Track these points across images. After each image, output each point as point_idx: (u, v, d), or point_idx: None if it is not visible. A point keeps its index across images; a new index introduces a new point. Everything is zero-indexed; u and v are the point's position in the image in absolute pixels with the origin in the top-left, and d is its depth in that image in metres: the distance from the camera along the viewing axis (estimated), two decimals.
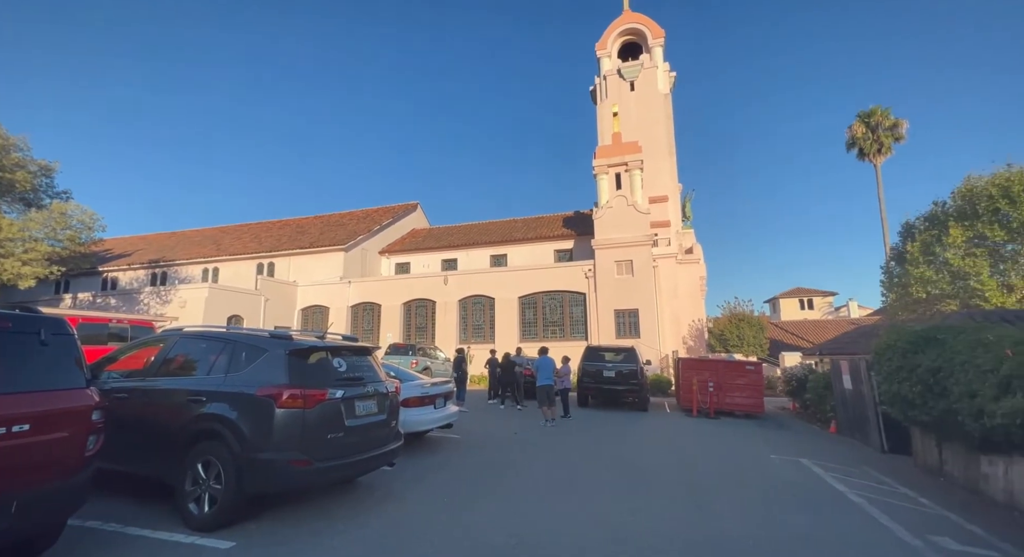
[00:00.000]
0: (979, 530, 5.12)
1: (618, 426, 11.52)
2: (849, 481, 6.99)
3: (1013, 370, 5.43)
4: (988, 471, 6.33)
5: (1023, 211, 13.61)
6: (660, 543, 4.43)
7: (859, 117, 25.99)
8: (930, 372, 7.15)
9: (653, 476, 6.90)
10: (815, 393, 13.34)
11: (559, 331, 23.91)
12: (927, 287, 15.90)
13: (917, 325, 8.48)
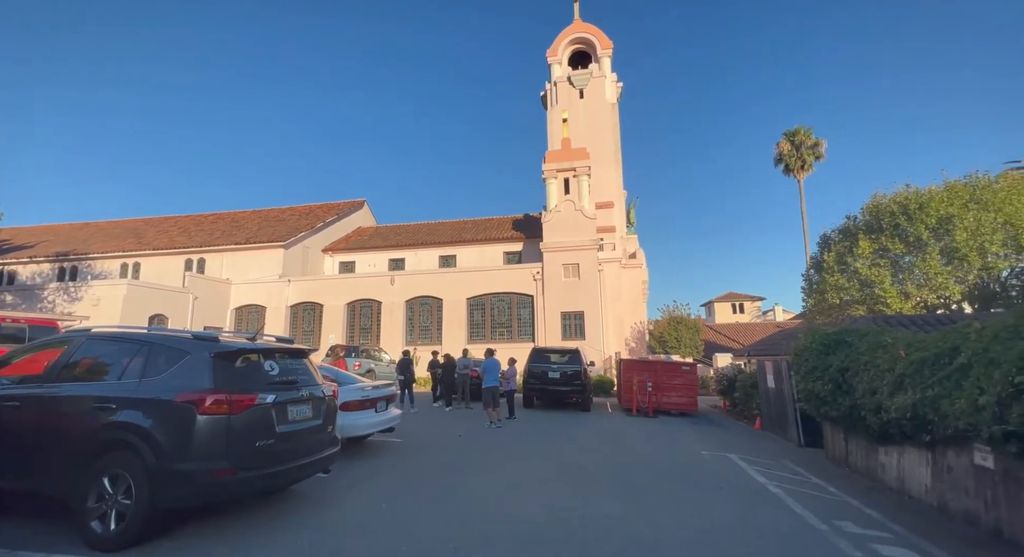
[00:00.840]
0: (876, 514, 5.67)
1: (561, 426, 11.74)
2: (769, 474, 7.53)
3: (905, 369, 6.06)
4: (884, 461, 7.03)
5: (918, 227, 15.28)
6: (596, 539, 4.56)
7: (785, 135, 28.18)
8: (839, 371, 7.85)
9: (593, 474, 7.10)
10: (743, 392, 14.26)
11: (507, 333, 24.04)
12: (840, 293, 17.47)
13: (830, 328, 9.28)
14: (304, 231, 28.59)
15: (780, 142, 28.30)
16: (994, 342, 4.82)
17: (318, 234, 29.93)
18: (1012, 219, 14.22)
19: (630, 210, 28.26)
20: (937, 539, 4.89)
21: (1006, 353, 4.45)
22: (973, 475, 5.31)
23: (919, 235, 15.25)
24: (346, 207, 33.31)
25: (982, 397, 4.55)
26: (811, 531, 5.03)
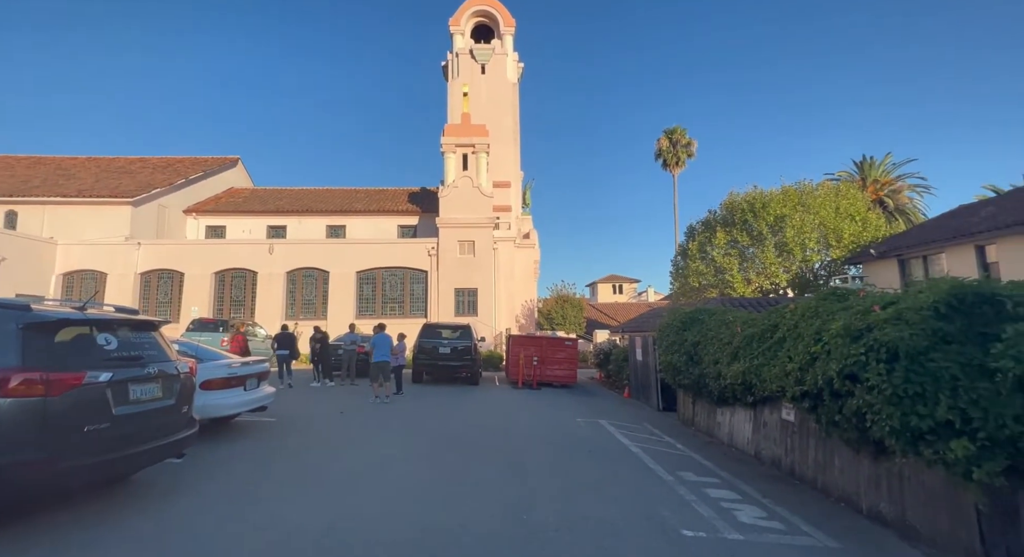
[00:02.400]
0: (710, 464, 6.73)
1: (450, 399, 11.92)
2: (632, 436, 8.48)
3: (740, 343, 7.18)
4: (720, 420, 8.33)
5: (760, 223, 17.98)
6: (475, 502, 4.76)
7: (665, 133, 30.98)
8: (692, 345, 9.03)
9: (476, 443, 7.36)
10: (616, 365, 15.74)
11: (398, 308, 23.48)
12: (700, 278, 20.00)
13: (688, 308, 10.59)
14: (160, 187, 24.66)
15: (660, 138, 31.05)
16: (801, 320, 5.90)
17: (178, 192, 26.03)
18: (825, 221, 17.39)
19: (526, 191, 28.99)
20: (750, 480, 5.97)
21: (807, 329, 5.49)
22: (780, 428, 6.53)
23: (761, 230, 17.96)
24: (215, 164, 29.31)
25: (789, 364, 5.58)
26: (660, 482, 5.81)
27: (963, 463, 3.57)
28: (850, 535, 4.38)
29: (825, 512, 4.97)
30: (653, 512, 4.72)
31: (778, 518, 4.73)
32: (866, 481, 4.93)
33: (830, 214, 17.54)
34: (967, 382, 3.64)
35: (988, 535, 3.68)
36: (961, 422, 3.61)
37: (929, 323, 4.01)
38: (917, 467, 4.21)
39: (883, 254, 15.17)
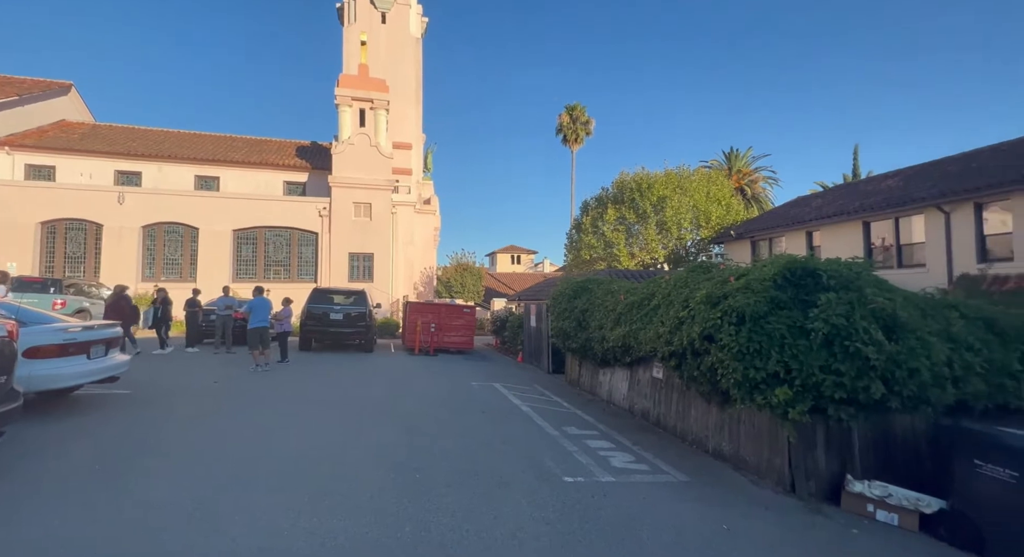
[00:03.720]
0: (591, 419, 7.41)
1: (341, 366, 11.47)
2: (523, 396, 8.97)
3: (622, 310, 7.88)
4: (602, 379, 9.15)
5: (645, 203, 19.58)
6: (369, 465, 4.72)
7: (566, 109, 31.84)
8: (581, 312, 9.70)
9: (369, 408, 7.23)
10: (511, 331, 16.34)
11: (284, 272, 21.67)
12: (591, 251, 21.36)
13: (579, 278, 11.29)
14: None
15: (562, 114, 31.86)
16: (673, 290, 6.64)
17: None
18: (698, 204, 19.47)
19: (428, 155, 28.06)
20: (624, 431, 6.71)
21: (677, 297, 6.21)
22: (650, 385, 7.38)
23: (645, 209, 19.57)
24: (37, 88, 23.65)
25: (661, 328, 6.28)
26: (546, 436, 6.27)
27: (783, 406, 4.39)
28: (698, 470, 5.18)
29: (681, 454, 5.79)
30: (539, 463, 5.11)
31: (644, 461, 5.41)
32: (714, 426, 5.83)
33: (702, 198, 19.67)
34: (791, 340, 4.43)
35: (794, 460, 4.61)
36: (784, 373, 4.41)
37: (769, 292, 4.77)
38: (750, 412, 5.08)
39: (740, 236, 17.51)
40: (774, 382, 4.48)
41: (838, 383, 4.19)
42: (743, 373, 4.67)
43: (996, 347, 4.55)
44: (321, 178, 23.23)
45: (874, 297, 4.43)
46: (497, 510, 3.87)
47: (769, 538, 3.68)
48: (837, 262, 5.09)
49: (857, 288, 4.58)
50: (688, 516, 3.99)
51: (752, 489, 4.71)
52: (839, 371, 4.19)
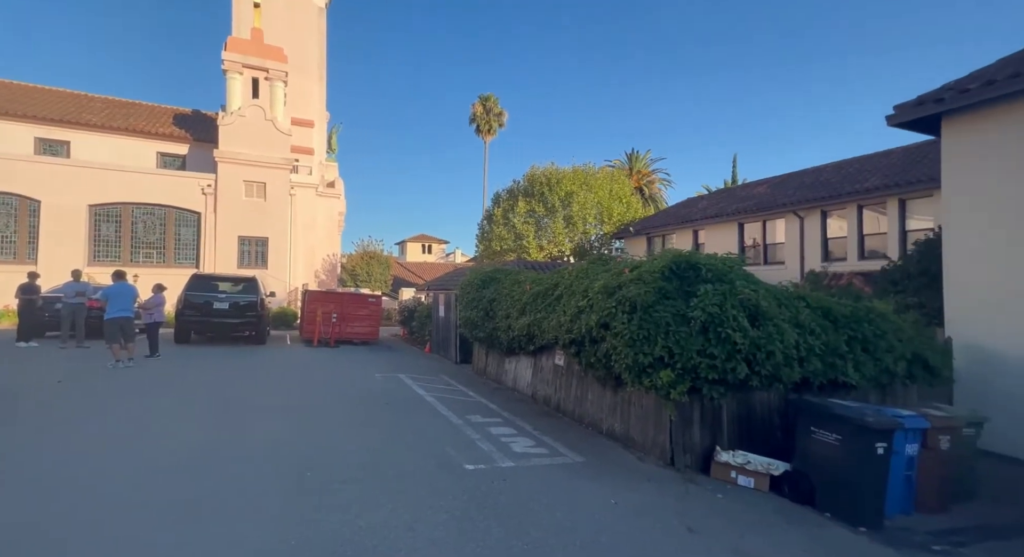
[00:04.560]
0: (495, 407, 7.53)
1: (227, 360, 10.41)
2: (428, 387, 8.85)
3: (528, 299, 8.08)
4: (508, 368, 9.33)
5: (554, 197, 20.26)
6: (263, 459, 4.33)
7: (480, 99, 31.71)
8: (489, 302, 9.78)
9: (259, 404, 6.65)
10: (419, 321, 16.03)
11: (158, 255, 19.14)
12: (502, 243, 21.64)
13: (488, 268, 11.36)
14: None
15: (475, 104, 31.67)
16: (575, 281, 6.95)
17: None
18: (602, 201, 20.59)
19: (332, 135, 26.33)
20: (527, 417, 6.92)
21: (579, 287, 6.51)
22: (552, 371, 7.68)
23: (554, 203, 20.24)
24: None
25: (563, 317, 6.54)
26: (450, 425, 6.25)
27: (666, 387, 4.81)
28: (592, 451, 5.50)
29: (579, 436, 6.11)
30: (441, 452, 5.08)
31: (544, 445, 5.62)
32: (608, 408, 6.23)
33: (606, 195, 20.83)
34: (675, 327, 4.86)
35: (674, 437, 5.08)
36: (668, 357, 4.83)
37: (657, 283, 5.18)
38: (639, 394, 5.50)
39: (638, 232, 18.85)
40: (659, 366, 4.89)
41: (711, 365, 4.69)
42: (633, 358, 5.03)
43: (831, 332, 5.38)
44: (205, 151, 20.74)
45: (743, 289, 5.01)
46: (395, 503, 3.78)
47: (649, 508, 4.03)
48: (714, 257, 5.67)
49: (730, 281, 5.14)
50: (580, 494, 4.22)
51: (638, 465, 5.11)
52: (713, 354, 4.68)
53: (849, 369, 5.29)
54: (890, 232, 11.46)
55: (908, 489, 4.32)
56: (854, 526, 3.96)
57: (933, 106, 6.51)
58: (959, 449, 4.56)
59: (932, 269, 7.60)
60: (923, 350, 5.88)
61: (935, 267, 7.37)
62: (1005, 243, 6.08)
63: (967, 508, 4.47)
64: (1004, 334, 6.00)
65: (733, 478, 4.73)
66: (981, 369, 6.14)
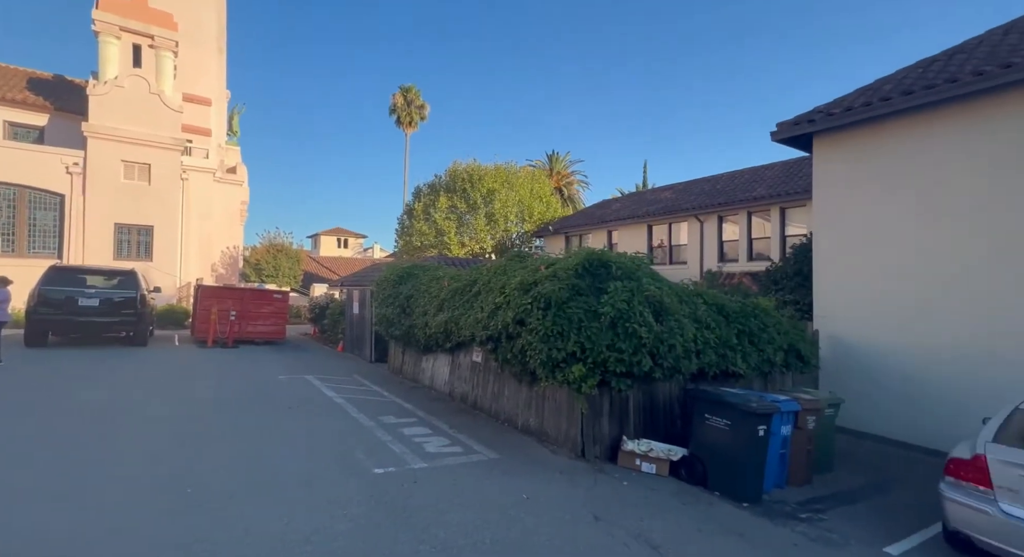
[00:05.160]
0: (410, 406, 7.31)
1: (94, 365, 9.05)
2: (339, 388, 8.37)
3: (446, 296, 7.94)
4: (425, 366, 9.12)
5: (476, 194, 20.19)
6: (118, 492, 3.77)
7: (401, 89, 30.69)
8: (406, 298, 9.48)
9: (134, 414, 5.83)
10: (332, 319, 15.17)
11: (6, 243, 16.20)
12: (422, 238, 21.14)
13: (405, 263, 11.02)
14: None
15: (396, 94, 30.60)
16: (493, 277, 6.94)
17: None
18: (523, 200, 20.89)
19: (233, 116, 24.04)
20: (443, 415, 6.79)
21: (496, 284, 6.51)
22: (470, 368, 7.62)
23: (476, 200, 20.17)
24: None
25: (480, 313, 6.50)
26: (361, 428, 5.95)
27: (578, 381, 4.96)
28: (507, 447, 5.53)
29: (494, 432, 6.11)
30: (349, 457, 4.81)
31: (459, 444, 5.54)
32: (523, 404, 6.30)
33: (527, 194, 21.16)
34: (587, 323, 5.02)
35: (585, 429, 5.26)
36: (580, 352, 4.98)
37: (571, 280, 5.32)
38: (553, 388, 5.62)
39: (557, 231, 19.40)
40: (572, 360, 5.03)
41: (620, 359, 4.91)
42: (547, 353, 5.12)
43: (724, 326, 5.90)
44: (70, 124, 17.89)
45: (649, 286, 5.30)
46: (292, 514, 3.49)
47: (559, 500, 4.12)
48: (624, 255, 5.96)
49: (637, 278, 5.42)
50: (493, 491, 4.21)
51: (551, 458, 5.22)
52: (621, 349, 4.91)
53: (738, 360, 5.82)
54: (773, 237, 12.88)
55: (782, 466, 4.85)
56: (739, 502, 4.36)
57: (807, 126, 7.38)
58: (822, 428, 5.22)
59: (804, 270, 8.64)
60: (797, 342, 6.65)
61: (807, 269, 8.38)
62: (855, 249, 7.06)
63: (826, 478, 5.13)
64: (855, 328, 6.98)
65: (638, 465, 5.00)
66: (839, 357, 7.09)
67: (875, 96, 6.71)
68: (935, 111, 6.33)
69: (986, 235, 5.89)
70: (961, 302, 6.03)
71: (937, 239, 6.28)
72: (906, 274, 6.54)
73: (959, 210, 6.12)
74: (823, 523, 4.07)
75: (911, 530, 4.01)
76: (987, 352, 5.76)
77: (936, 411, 6.02)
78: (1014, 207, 5.68)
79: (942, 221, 6.25)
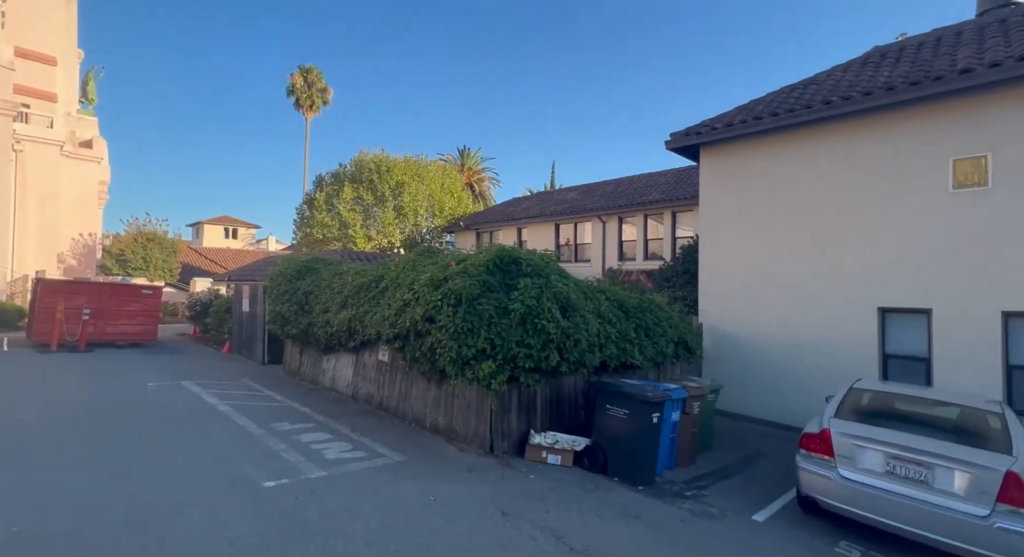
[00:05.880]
0: (308, 411, 6.79)
1: None
2: (223, 394, 7.52)
3: (350, 292, 7.49)
4: (326, 367, 8.55)
5: (384, 186, 19.38)
6: None
7: (300, 70, 28.40)
8: (305, 294, 8.80)
9: None
10: (216, 317, 13.61)
11: None
12: (324, 230, 19.80)
13: (304, 257, 10.22)
14: None
15: (295, 74, 28.28)
16: (402, 272, 6.69)
17: None
18: (433, 194, 20.49)
19: (89, 80, 20.49)
20: (345, 418, 6.41)
21: (405, 280, 6.27)
22: (376, 368, 7.28)
23: (384, 192, 19.36)
24: None
25: (387, 310, 6.23)
26: (249, 437, 5.39)
27: (488, 378, 4.95)
28: (414, 448, 5.36)
29: (401, 434, 5.90)
30: (234, 471, 4.32)
31: (363, 448, 5.26)
32: (432, 403, 6.16)
33: (438, 189, 20.78)
34: (497, 319, 5.02)
35: (494, 425, 5.28)
36: (490, 349, 4.98)
37: (482, 276, 5.29)
38: (463, 386, 5.56)
39: (468, 227, 19.33)
40: (482, 357, 5.00)
41: (528, 355, 4.99)
42: (457, 351, 5.04)
43: (623, 321, 6.28)
44: None
45: (557, 283, 5.45)
46: (160, 545, 3.04)
47: (467, 498, 4.08)
48: (534, 253, 6.07)
49: (546, 275, 5.55)
50: (398, 495, 4.05)
51: (460, 456, 5.16)
52: (530, 344, 4.99)
53: (636, 352, 6.23)
54: (665, 238, 14.04)
55: (672, 449, 5.28)
56: (635, 486, 4.67)
57: (695, 137, 8.11)
58: (705, 412, 5.78)
59: (692, 269, 9.51)
60: (685, 334, 7.30)
61: (694, 268, 9.24)
62: (730, 251, 7.94)
63: (709, 457, 5.70)
64: (731, 321, 7.85)
65: (544, 458, 5.13)
66: (719, 348, 7.93)
67: (749, 115, 7.57)
68: (790, 132, 7.32)
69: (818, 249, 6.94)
70: (801, 296, 7.05)
71: (783, 246, 7.28)
72: (762, 273, 7.50)
73: (800, 218, 7.14)
74: (705, 499, 4.51)
75: (773, 498, 4.59)
76: (825, 339, 6.80)
77: (798, 392, 6.98)
78: (836, 217, 6.76)
79: (790, 229, 7.24)
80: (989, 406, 4.07)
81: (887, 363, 6.45)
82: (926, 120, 6.18)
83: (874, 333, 6.50)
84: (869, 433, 3.85)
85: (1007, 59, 5.46)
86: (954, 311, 5.90)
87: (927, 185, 6.13)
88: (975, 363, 5.72)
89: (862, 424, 3.99)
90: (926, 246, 6.12)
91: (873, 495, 3.64)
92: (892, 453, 3.66)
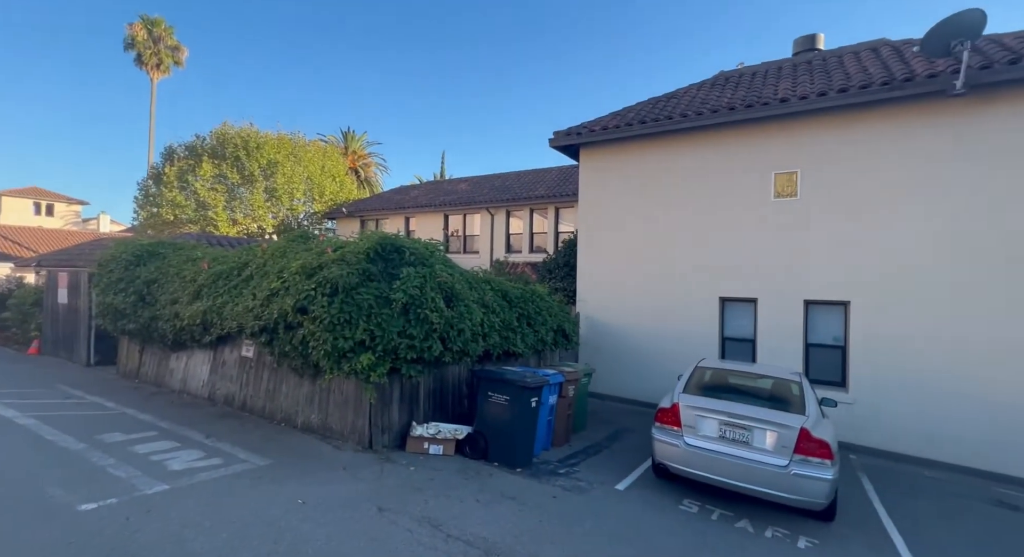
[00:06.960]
0: (149, 417, 5.84)
1: None
2: (26, 404, 6.13)
3: (205, 280, 6.58)
4: (174, 366, 7.42)
5: (254, 164, 17.36)
6: None
7: (142, 20, 23.95)
8: (146, 283, 7.52)
9: None
10: (19, 311, 11.04)
11: None
12: (176, 210, 17.11)
13: (145, 240, 8.73)
14: None
15: (135, 24, 23.80)
16: (270, 259, 6.06)
17: None
18: (312, 176, 18.92)
19: None
20: (198, 423, 5.64)
21: (273, 267, 5.69)
22: (239, 365, 6.51)
23: (252, 171, 17.34)
24: None
25: (252, 301, 5.60)
26: (63, 454, 4.47)
27: (367, 371, 4.71)
28: (283, 450, 4.91)
29: (268, 435, 5.36)
30: (38, 496, 3.55)
31: (219, 455, 4.67)
32: (305, 400, 5.70)
33: (317, 171, 19.20)
34: (378, 310, 4.80)
35: (373, 419, 5.06)
36: (369, 340, 4.74)
37: (362, 264, 5.00)
38: (339, 381, 5.23)
39: (351, 213, 18.19)
40: (360, 350, 4.75)
41: (411, 345, 4.86)
42: (333, 343, 4.72)
43: (507, 310, 6.44)
44: None
45: (441, 273, 5.38)
46: None
47: (341, 498, 3.86)
48: (418, 241, 5.91)
49: (431, 264, 5.44)
50: (260, 502, 3.68)
51: (335, 455, 4.86)
52: (412, 335, 4.86)
53: (518, 341, 6.43)
54: (549, 232, 14.73)
55: (548, 431, 5.57)
56: (514, 469, 4.83)
57: (576, 137, 8.59)
58: (579, 394, 6.20)
59: (571, 262, 10.11)
60: (564, 322, 7.73)
61: (573, 261, 9.82)
62: (602, 245, 8.61)
63: (581, 436, 6.13)
64: (603, 310, 8.52)
65: (426, 449, 5.06)
66: (592, 334, 8.56)
67: (622, 121, 8.24)
68: (654, 139, 8.14)
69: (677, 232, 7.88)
70: (661, 287, 7.95)
71: (647, 242, 8.13)
72: (630, 267, 8.28)
73: (660, 218, 8.02)
74: (576, 474, 4.84)
75: (634, 467, 5.10)
76: (681, 326, 7.74)
77: (659, 373, 7.81)
78: (701, 211, 7.75)
79: (653, 227, 8.09)
80: (792, 376, 4.97)
81: (725, 344, 7.53)
82: (757, 137, 7.30)
83: (716, 319, 7.54)
84: (707, 404, 4.45)
85: (810, 94, 6.68)
86: (772, 300, 7.10)
87: (755, 193, 7.26)
88: (786, 342, 6.95)
89: (703, 397, 4.60)
90: (753, 246, 7.26)
91: (709, 457, 4.22)
92: (723, 420, 4.29)
